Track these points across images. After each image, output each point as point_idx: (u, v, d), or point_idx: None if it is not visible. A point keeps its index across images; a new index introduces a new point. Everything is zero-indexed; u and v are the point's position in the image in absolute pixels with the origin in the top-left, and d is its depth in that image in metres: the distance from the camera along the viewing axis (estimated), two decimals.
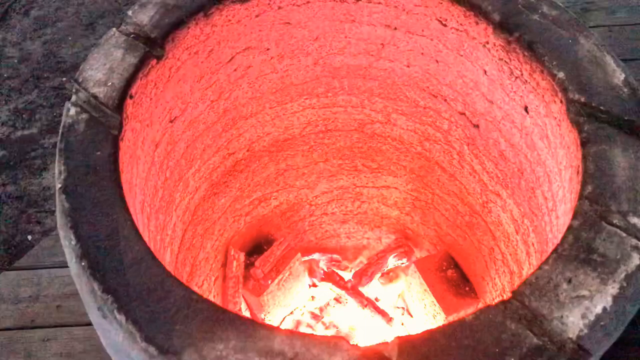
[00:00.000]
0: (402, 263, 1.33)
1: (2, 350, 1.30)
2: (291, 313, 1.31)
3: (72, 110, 0.73)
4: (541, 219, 0.84)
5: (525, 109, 0.84)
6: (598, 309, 0.54)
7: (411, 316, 1.29)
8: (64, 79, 2.25)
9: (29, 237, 1.81)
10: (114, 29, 0.82)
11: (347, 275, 1.36)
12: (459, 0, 0.86)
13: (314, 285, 1.35)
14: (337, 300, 1.33)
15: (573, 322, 0.53)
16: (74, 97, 0.74)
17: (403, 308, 1.32)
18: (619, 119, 0.69)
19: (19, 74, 2.27)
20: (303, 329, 1.29)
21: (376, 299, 1.33)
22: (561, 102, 0.74)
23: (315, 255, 1.39)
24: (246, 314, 1.24)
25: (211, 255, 1.16)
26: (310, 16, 0.98)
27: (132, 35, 0.81)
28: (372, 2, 0.96)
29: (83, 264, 0.59)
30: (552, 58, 0.76)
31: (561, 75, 0.74)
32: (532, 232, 0.89)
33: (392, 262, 1.32)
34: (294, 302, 1.31)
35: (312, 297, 1.35)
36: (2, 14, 2.46)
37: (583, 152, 0.67)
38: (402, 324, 1.29)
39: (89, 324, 0.75)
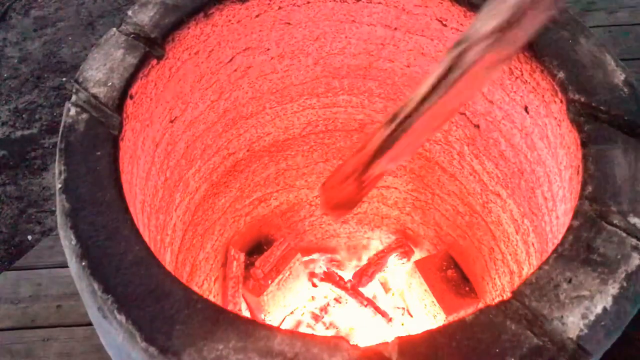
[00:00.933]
0: (402, 263, 1.33)
1: (2, 350, 1.30)
2: (291, 313, 1.31)
3: (72, 110, 0.73)
4: (541, 219, 0.84)
5: (525, 109, 0.84)
6: (598, 309, 0.54)
7: (411, 316, 1.29)
8: (64, 79, 2.25)
9: (29, 237, 1.80)
10: (114, 29, 0.82)
11: (347, 275, 1.36)
12: (459, 0, 0.86)
13: (314, 285, 1.35)
14: (337, 300, 1.33)
15: (573, 322, 0.53)
16: (74, 97, 0.74)
17: (403, 308, 1.32)
18: (619, 119, 0.69)
19: (19, 74, 2.27)
20: (303, 329, 1.29)
21: (375, 298, 1.33)
22: (561, 102, 0.74)
23: (315, 255, 1.39)
24: (246, 314, 1.24)
25: (211, 255, 1.16)
26: (310, 16, 0.98)
27: (132, 35, 0.81)
28: (372, 2, 0.96)
29: (83, 264, 0.59)
30: (552, 58, 0.76)
31: (561, 75, 0.74)
32: (532, 232, 0.89)
33: (392, 262, 1.32)
34: (294, 302, 1.31)
35: (312, 297, 1.35)
36: (2, 14, 2.46)
37: (583, 152, 0.67)
38: (402, 324, 1.29)
39: (89, 324, 0.75)
